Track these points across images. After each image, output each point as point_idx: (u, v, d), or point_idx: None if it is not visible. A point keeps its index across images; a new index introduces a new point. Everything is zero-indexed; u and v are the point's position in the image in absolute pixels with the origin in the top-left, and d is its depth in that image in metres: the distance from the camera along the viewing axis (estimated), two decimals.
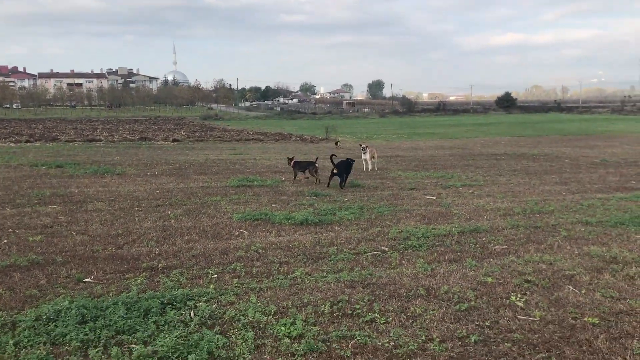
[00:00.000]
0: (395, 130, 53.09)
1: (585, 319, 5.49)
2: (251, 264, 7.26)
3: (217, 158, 23.56)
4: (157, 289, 6.14)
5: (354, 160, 15.36)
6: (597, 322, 5.42)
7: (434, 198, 13.15)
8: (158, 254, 7.69)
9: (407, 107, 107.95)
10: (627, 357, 4.65)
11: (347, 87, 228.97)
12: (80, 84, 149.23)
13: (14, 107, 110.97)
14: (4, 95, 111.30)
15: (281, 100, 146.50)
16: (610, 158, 23.00)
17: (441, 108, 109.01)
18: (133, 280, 6.51)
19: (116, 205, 11.41)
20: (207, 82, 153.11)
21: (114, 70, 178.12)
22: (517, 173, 18.18)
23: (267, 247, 8.20)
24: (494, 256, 7.90)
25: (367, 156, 19.07)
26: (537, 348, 4.80)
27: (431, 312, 5.59)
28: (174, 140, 37.71)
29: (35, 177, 15.88)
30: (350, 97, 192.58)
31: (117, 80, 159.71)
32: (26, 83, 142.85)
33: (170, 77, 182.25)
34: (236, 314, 5.37)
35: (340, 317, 5.41)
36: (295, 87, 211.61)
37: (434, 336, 4.97)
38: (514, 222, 10.25)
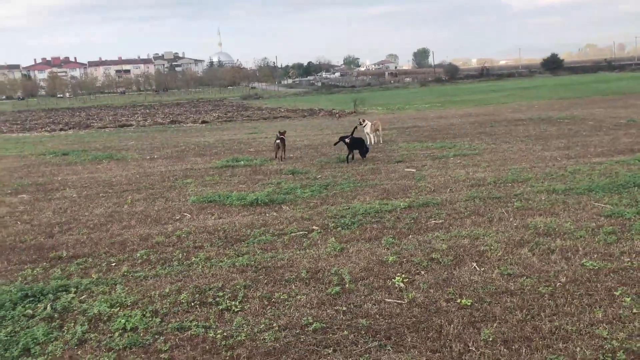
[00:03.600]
0: (432, 98, 51.95)
1: (459, 300, 5.17)
2: (161, 250, 7.23)
3: (228, 138, 23.66)
4: (42, 280, 6.18)
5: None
6: (470, 303, 5.11)
7: (414, 171, 12.80)
8: (79, 242, 7.76)
9: (450, 74, 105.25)
10: (470, 344, 4.35)
11: (393, 57, 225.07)
12: (128, 71, 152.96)
13: (66, 96, 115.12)
14: (55, 85, 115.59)
15: (323, 75, 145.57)
16: None
17: (485, 74, 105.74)
18: (30, 270, 6.59)
19: (84, 193, 11.61)
20: (249, 62, 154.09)
21: (160, 54, 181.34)
22: (526, 139, 17.49)
23: (194, 231, 8.15)
24: (422, 232, 7.59)
25: (368, 129, 18.71)
26: (378, 335, 4.55)
27: (297, 297, 5.40)
28: (203, 122, 38.06)
29: (33, 166, 16.37)
30: (396, 67, 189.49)
31: (163, 64, 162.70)
32: (77, 72, 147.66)
33: (215, 59, 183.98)
34: (87, 306, 5.34)
35: (196, 306, 5.30)
36: (339, 61, 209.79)
37: (276, 325, 4.80)
38: (476, 193, 9.84)
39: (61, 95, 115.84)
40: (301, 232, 7.84)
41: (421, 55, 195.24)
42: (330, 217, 8.63)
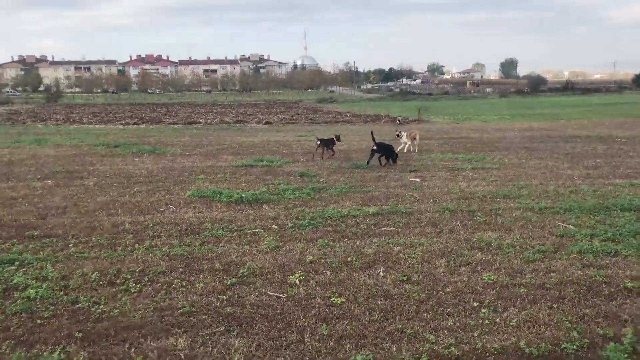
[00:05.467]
0: (506, 110, 50.77)
1: (333, 299, 5.57)
2: (120, 237, 8.00)
3: (275, 140, 24.52)
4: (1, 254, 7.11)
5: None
6: (340, 302, 5.50)
7: (418, 180, 13.03)
8: (60, 224, 8.68)
9: (532, 86, 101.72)
10: (307, 336, 4.75)
11: (479, 66, 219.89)
12: (215, 70, 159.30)
13: (156, 92, 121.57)
14: (144, 82, 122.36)
15: (404, 82, 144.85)
16: None
17: (570, 87, 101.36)
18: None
19: (101, 182, 12.72)
20: (334, 66, 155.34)
21: (246, 56, 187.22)
22: (564, 156, 17.21)
23: (164, 222, 8.89)
24: (365, 237, 7.95)
25: (404, 139, 19.19)
26: (232, 322, 5.07)
27: (195, 285, 5.97)
28: (267, 123, 39.32)
29: (80, 155, 17.88)
30: (482, 77, 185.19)
31: (249, 66, 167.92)
32: (168, 70, 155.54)
33: (299, 62, 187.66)
34: (13, 277, 6.17)
35: (103, 285, 6.00)
36: (423, 67, 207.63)
37: (152, 306, 5.41)
38: (454, 206, 10.01)
39: (151, 91, 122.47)
40: (257, 230, 8.38)
41: (509, 66, 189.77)
42: (296, 218, 9.11)
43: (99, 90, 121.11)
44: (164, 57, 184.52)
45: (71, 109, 62.98)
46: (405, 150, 18.77)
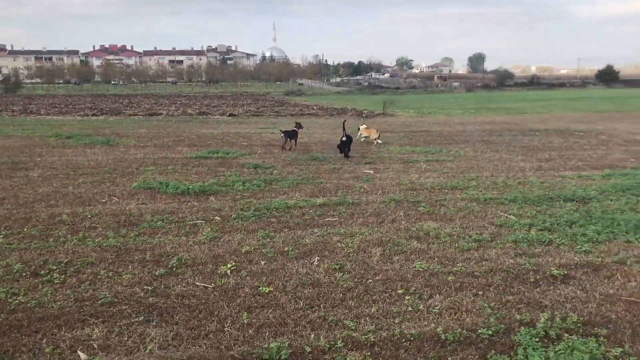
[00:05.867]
0: (471, 105, 51.30)
1: (261, 288, 5.52)
2: (54, 228, 7.80)
3: (235, 132, 24.27)
4: None
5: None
6: (267, 291, 5.45)
7: (371, 172, 13.04)
8: None
9: (499, 81, 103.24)
10: (228, 325, 4.69)
11: (448, 60, 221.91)
12: (181, 61, 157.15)
13: (120, 83, 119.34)
14: (108, 73, 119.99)
15: (373, 76, 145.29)
16: None
17: (535, 82, 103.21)
18: None
19: (46, 173, 12.39)
20: (303, 58, 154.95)
21: (213, 47, 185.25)
22: (519, 149, 17.42)
23: (103, 213, 8.71)
24: (307, 228, 7.92)
25: (362, 131, 19.93)
26: (153, 312, 4.98)
27: (122, 277, 5.86)
28: (231, 115, 38.83)
29: (29, 147, 17.41)
30: (450, 71, 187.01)
31: (216, 57, 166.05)
32: (132, 61, 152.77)
33: (268, 54, 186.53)
34: None
35: (26, 276, 5.84)
36: (392, 61, 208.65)
37: (73, 297, 5.29)
38: (401, 197, 10.04)
39: (115, 82, 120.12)
40: (198, 221, 8.27)
41: (477, 60, 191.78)
42: (241, 209, 9.02)
43: (61, 81, 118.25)
44: (129, 48, 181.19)
45: (30, 100, 61.34)
46: (361, 140, 19.13)
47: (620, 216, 8.37)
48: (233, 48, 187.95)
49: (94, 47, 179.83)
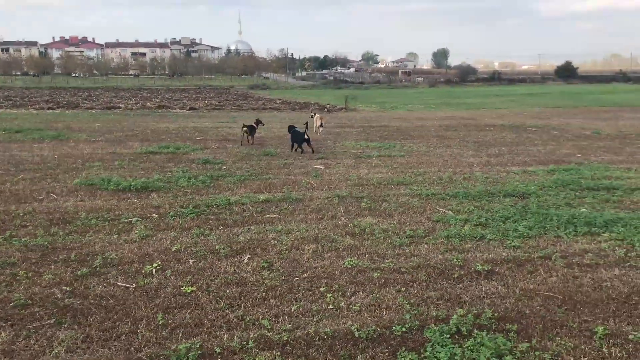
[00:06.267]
0: (433, 100, 51.87)
1: (185, 288, 5.45)
2: None
3: (192, 126, 23.98)
4: None
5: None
6: (190, 291, 5.39)
7: (322, 168, 13.02)
8: None
9: (461, 76, 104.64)
10: (142, 327, 4.62)
11: (413, 55, 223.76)
12: (144, 54, 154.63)
13: (81, 76, 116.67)
14: (68, 65, 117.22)
15: (338, 70, 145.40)
16: (611, 131, 21.67)
17: (496, 78, 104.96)
18: None
19: None
20: (268, 52, 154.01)
21: (177, 40, 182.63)
22: (472, 144, 17.67)
23: (39, 211, 8.50)
24: (244, 225, 7.85)
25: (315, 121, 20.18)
26: (68, 313, 4.88)
27: (43, 277, 5.73)
28: (191, 109, 38.40)
29: None
30: (415, 66, 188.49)
31: (180, 50, 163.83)
32: (93, 53, 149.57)
33: (233, 47, 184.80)
34: None
35: None
36: (358, 56, 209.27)
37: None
38: (344, 192, 10.06)
39: (76, 75, 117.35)
40: (134, 219, 8.13)
41: (441, 56, 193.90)
42: (180, 206, 8.90)
43: (19, 73, 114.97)
44: (90, 40, 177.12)
45: None
46: (314, 130, 19.45)
47: (555, 211, 8.55)
48: (197, 41, 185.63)
49: (53, 38, 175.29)
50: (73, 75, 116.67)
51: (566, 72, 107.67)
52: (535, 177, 11.86)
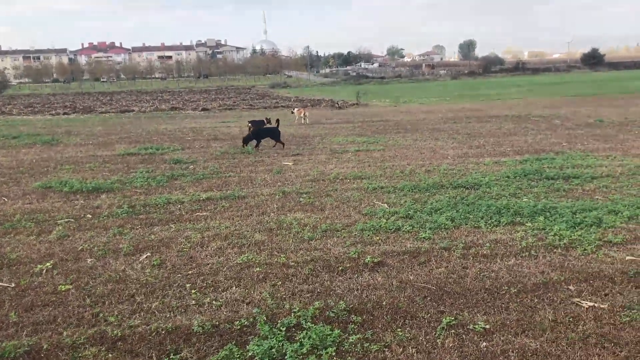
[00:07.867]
0: (450, 92, 51.30)
1: (61, 286, 5.53)
2: None
3: (192, 127, 24.19)
4: None
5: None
6: (66, 289, 5.46)
7: (291, 164, 13.04)
8: None
9: (484, 67, 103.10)
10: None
11: (439, 48, 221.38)
12: (170, 57, 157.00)
13: (109, 81, 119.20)
14: (96, 70, 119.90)
15: (362, 66, 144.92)
16: (617, 118, 21.12)
17: (520, 68, 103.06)
18: None
19: None
20: (290, 50, 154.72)
21: (202, 42, 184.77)
22: (462, 136, 17.42)
23: None
24: (168, 224, 7.92)
25: (296, 114, 23.60)
26: None
27: None
28: (203, 110, 38.80)
29: None
30: (441, 59, 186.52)
31: (205, 51, 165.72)
32: (120, 58, 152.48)
33: (258, 47, 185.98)
34: None
35: None
36: (383, 51, 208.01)
37: None
38: (294, 188, 10.08)
39: (104, 80, 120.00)
40: (66, 219, 8.27)
41: (467, 47, 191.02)
42: (117, 206, 9.01)
43: (49, 80, 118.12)
44: (117, 45, 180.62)
45: (12, 100, 61.29)
46: (296, 123, 21.00)
47: (489, 202, 8.38)
48: (223, 42, 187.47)
49: (82, 45, 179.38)
50: (101, 80, 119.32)
51: (592, 60, 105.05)
52: (500, 168, 11.64)
